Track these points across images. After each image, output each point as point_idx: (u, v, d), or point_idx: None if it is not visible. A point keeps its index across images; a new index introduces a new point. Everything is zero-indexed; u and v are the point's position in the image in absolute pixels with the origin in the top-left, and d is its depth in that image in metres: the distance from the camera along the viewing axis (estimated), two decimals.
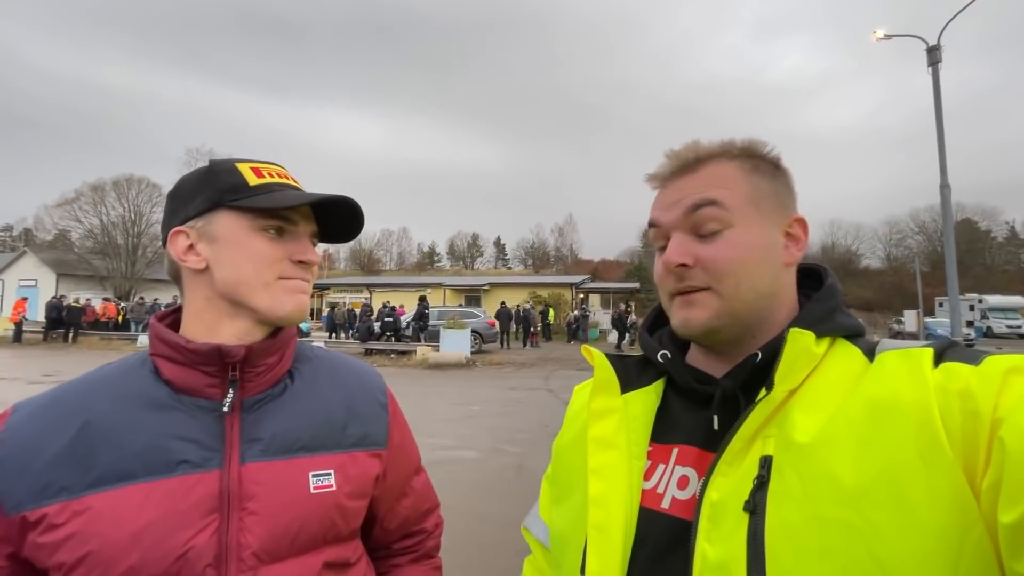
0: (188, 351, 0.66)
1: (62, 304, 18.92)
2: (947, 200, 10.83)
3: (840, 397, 0.50)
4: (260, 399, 0.69)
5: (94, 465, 0.61)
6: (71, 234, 33.48)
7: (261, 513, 0.64)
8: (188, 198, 0.69)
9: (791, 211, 0.62)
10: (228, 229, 0.68)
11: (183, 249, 0.69)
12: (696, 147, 0.61)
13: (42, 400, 0.66)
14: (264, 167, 0.72)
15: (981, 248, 49.59)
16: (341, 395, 0.77)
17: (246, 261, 0.67)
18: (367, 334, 16.95)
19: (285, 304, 0.69)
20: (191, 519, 0.61)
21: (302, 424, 0.70)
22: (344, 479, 0.71)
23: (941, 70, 11.11)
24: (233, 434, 0.66)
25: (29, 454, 0.61)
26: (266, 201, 0.67)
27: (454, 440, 6.15)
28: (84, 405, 0.64)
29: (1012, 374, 0.44)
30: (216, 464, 0.64)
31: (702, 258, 0.57)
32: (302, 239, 0.71)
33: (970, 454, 0.42)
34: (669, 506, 0.55)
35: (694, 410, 0.59)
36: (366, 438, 0.76)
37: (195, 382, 0.66)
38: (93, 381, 0.68)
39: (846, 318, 0.58)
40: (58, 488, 0.59)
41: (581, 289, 30.94)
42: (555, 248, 62.80)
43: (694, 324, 0.58)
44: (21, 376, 10.48)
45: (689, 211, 0.59)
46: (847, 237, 54.68)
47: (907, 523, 0.42)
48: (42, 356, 14.60)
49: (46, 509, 0.59)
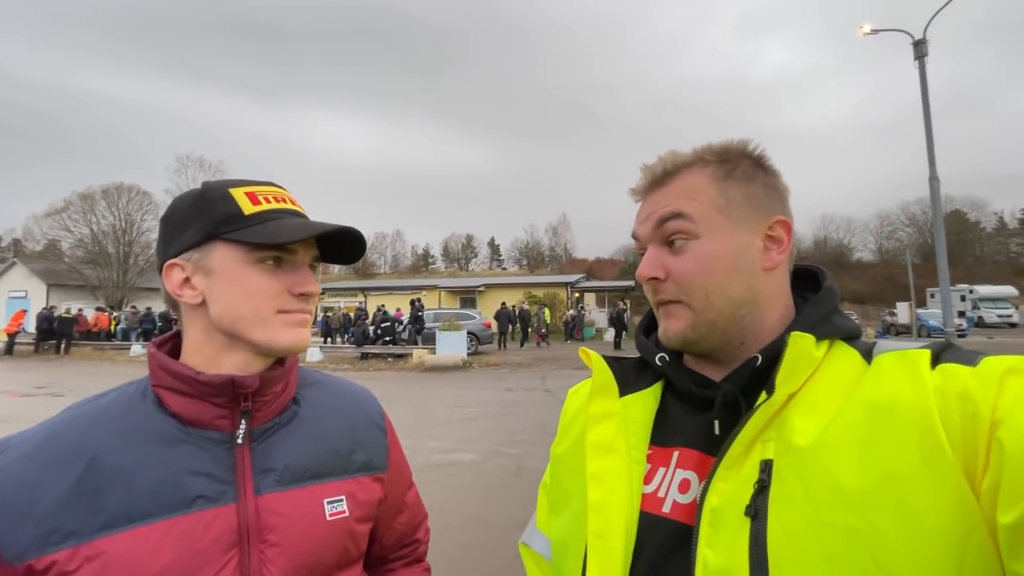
0: (199, 383, 0.64)
1: (53, 315, 18.73)
2: (936, 192, 10.93)
3: (839, 400, 0.49)
4: (268, 428, 0.68)
5: (104, 506, 0.58)
6: (61, 244, 33.30)
7: (282, 544, 0.63)
8: (182, 226, 0.67)
9: (771, 213, 0.60)
10: (223, 263, 0.65)
11: (178, 283, 0.66)
12: (668, 159, 0.61)
13: (36, 438, 0.61)
14: (260, 191, 0.69)
15: (971, 239, 50.15)
16: (345, 421, 0.76)
17: (242, 297, 0.65)
18: (363, 338, 16.90)
19: (283, 339, 0.67)
20: (212, 556, 0.59)
21: (312, 451, 0.70)
22: (354, 504, 0.71)
23: (928, 63, 11.21)
24: (245, 465, 0.64)
25: (30, 497, 0.57)
26: (262, 234, 0.65)
27: (452, 443, 6.13)
28: (86, 441, 0.61)
29: (1009, 375, 0.44)
30: (231, 498, 0.62)
31: (672, 271, 0.59)
32: (301, 269, 0.69)
33: (970, 456, 0.42)
34: (670, 510, 0.54)
35: (694, 413, 0.59)
36: (369, 464, 0.76)
37: (205, 414, 0.64)
38: (92, 415, 0.64)
39: (844, 320, 0.58)
40: (66, 532, 0.56)
41: (576, 288, 30.96)
42: (550, 248, 62.88)
43: (671, 335, 0.59)
44: (12, 389, 10.36)
45: (657, 225, 0.60)
46: (839, 231, 55.15)
47: (910, 527, 0.41)
48: (34, 368, 14.44)
49: (55, 556, 0.55)
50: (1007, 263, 47.23)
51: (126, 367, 14.39)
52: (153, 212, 34.06)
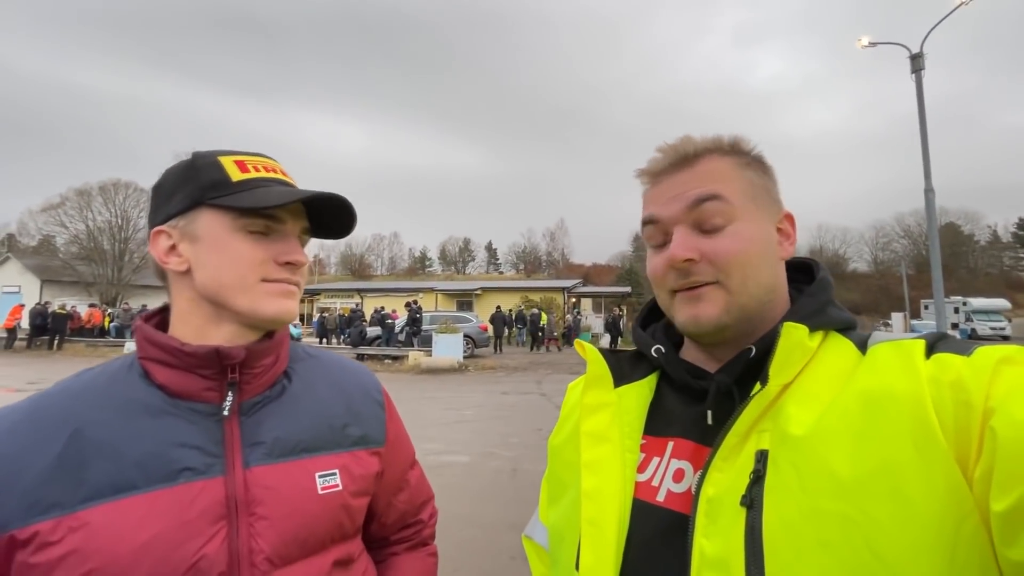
0: (184, 354, 0.63)
1: (47, 311, 18.57)
2: (931, 204, 10.99)
3: (834, 390, 0.50)
4: (258, 401, 0.68)
5: (88, 478, 0.57)
6: (56, 239, 32.97)
7: (271, 517, 0.63)
8: (170, 194, 0.67)
9: (781, 207, 0.62)
10: (209, 229, 0.65)
11: (165, 250, 0.66)
12: (691, 141, 0.60)
13: (19, 412, 0.61)
14: (250, 160, 0.68)
15: (965, 251, 50.51)
16: (339, 395, 0.76)
17: (227, 264, 0.64)
18: (359, 339, 16.84)
19: (266, 308, 0.66)
20: (199, 528, 0.59)
21: (303, 425, 0.69)
22: (349, 479, 0.70)
23: (924, 76, 11.32)
24: (234, 438, 0.64)
25: (13, 470, 0.57)
26: (248, 200, 0.64)
27: (446, 445, 6.11)
28: (70, 415, 0.60)
29: (1003, 364, 0.44)
30: (219, 470, 0.62)
31: (708, 252, 0.56)
32: (289, 239, 0.68)
33: (963, 444, 0.43)
34: (664, 499, 0.54)
35: (689, 404, 0.59)
36: (365, 437, 0.75)
37: (191, 386, 0.64)
38: (76, 389, 0.64)
39: (838, 312, 0.58)
40: (49, 504, 0.56)
41: (573, 293, 30.95)
42: (547, 253, 63.01)
43: (704, 320, 0.56)
44: (7, 384, 10.27)
45: (692, 205, 0.57)
46: (834, 241, 55.51)
47: (904, 515, 0.42)
48: (27, 363, 14.31)
49: (37, 526, 0.55)
50: (1001, 276, 47.61)
51: None
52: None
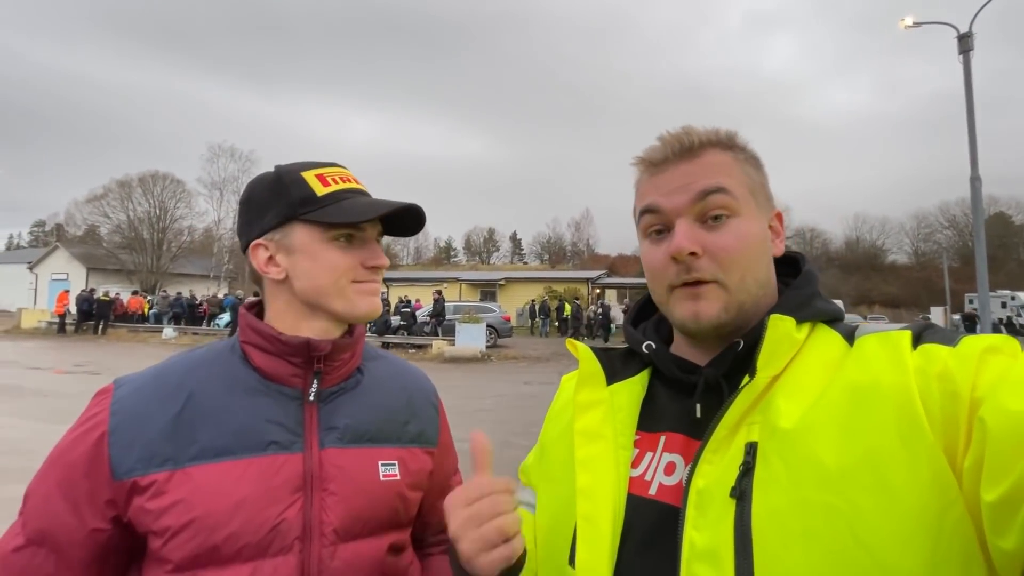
0: (280, 342, 0.72)
1: (92, 297, 19.55)
2: (977, 193, 10.45)
3: (822, 382, 0.50)
4: (335, 391, 0.75)
5: (196, 439, 0.66)
6: (100, 229, 34.52)
7: (340, 494, 0.70)
8: (262, 209, 0.75)
9: (773, 205, 0.62)
10: (303, 242, 0.73)
11: (264, 261, 0.74)
12: (694, 132, 0.59)
13: (145, 376, 0.72)
14: (328, 172, 0.76)
15: (1015, 243, 47.83)
16: (402, 394, 0.83)
17: (322, 271, 0.73)
18: (384, 328, 17.15)
19: (360, 306, 0.75)
20: (281, 495, 0.67)
21: (371, 417, 0.76)
22: (406, 471, 0.77)
23: (972, 57, 10.69)
24: (312, 421, 0.72)
25: (139, 425, 0.66)
26: (337, 214, 0.72)
27: (464, 433, 6.18)
28: (186, 381, 0.70)
29: (988, 353, 0.44)
30: (299, 448, 0.70)
31: (710, 247, 0.56)
32: (371, 244, 0.77)
33: (950, 435, 0.43)
34: (656, 492, 0.55)
35: (679, 399, 0.59)
36: (422, 435, 0.82)
37: (282, 371, 0.72)
38: (190, 362, 0.73)
39: (825, 303, 0.58)
40: (164, 458, 0.65)
41: (598, 284, 30.73)
42: (571, 243, 62.66)
43: (705, 319, 0.56)
44: (55, 365, 10.88)
45: (698, 197, 0.56)
46: (872, 232, 53.50)
47: (889, 505, 0.42)
48: (74, 347, 15.12)
49: (155, 476, 0.64)
50: None
51: (158, 348, 14.93)
52: (186, 200, 35.09)
